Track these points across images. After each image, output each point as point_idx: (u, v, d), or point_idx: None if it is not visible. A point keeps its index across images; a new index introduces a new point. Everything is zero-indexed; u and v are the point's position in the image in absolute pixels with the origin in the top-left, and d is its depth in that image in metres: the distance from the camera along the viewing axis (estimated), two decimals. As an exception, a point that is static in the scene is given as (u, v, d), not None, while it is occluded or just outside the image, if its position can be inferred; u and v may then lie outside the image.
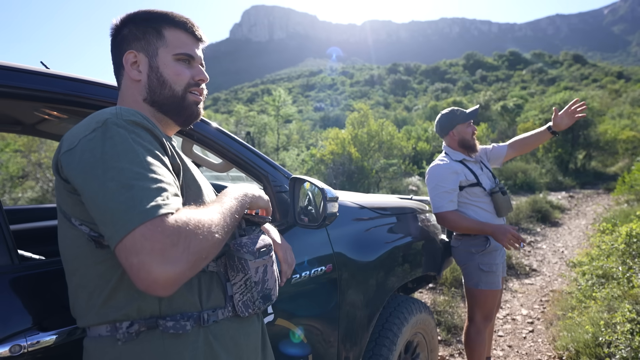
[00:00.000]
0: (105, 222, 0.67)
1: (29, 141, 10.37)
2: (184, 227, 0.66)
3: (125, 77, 0.92)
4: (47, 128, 1.71)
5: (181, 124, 0.96)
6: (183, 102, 0.92)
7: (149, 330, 0.78)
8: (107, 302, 0.78)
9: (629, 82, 66.24)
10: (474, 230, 2.20)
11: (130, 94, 0.92)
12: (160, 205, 0.66)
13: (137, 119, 0.78)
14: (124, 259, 0.64)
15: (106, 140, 0.72)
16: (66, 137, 0.78)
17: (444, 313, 3.51)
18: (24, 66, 0.99)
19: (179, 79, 0.91)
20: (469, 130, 2.35)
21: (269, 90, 58.33)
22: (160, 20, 0.91)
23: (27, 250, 1.65)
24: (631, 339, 2.44)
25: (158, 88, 0.90)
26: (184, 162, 0.87)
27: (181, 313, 0.80)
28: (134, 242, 0.63)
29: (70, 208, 0.79)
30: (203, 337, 0.81)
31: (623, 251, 3.22)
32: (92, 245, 0.78)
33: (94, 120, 0.76)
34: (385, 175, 11.14)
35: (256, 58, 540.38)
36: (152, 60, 0.90)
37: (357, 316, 1.65)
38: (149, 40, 0.90)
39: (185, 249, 0.65)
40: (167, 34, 0.91)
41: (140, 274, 0.62)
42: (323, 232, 1.54)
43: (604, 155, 16.30)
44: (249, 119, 24.40)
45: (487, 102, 28.95)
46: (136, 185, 0.67)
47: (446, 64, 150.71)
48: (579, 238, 6.53)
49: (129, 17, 0.92)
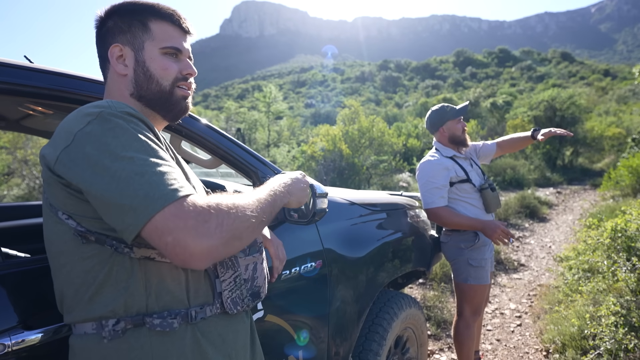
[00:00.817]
0: (122, 210, 0.67)
1: (14, 138, 10.18)
2: (215, 206, 0.69)
3: (111, 72, 0.90)
4: (31, 124, 1.68)
5: (170, 119, 0.94)
6: (171, 97, 0.90)
7: (135, 327, 0.77)
8: (94, 297, 0.77)
9: (615, 79, 67.37)
10: (464, 226, 2.22)
11: (117, 89, 0.90)
12: (178, 189, 0.68)
13: (131, 110, 0.78)
14: (157, 239, 0.66)
15: (107, 131, 0.72)
16: (58, 133, 0.76)
17: (434, 308, 3.54)
18: (6, 60, 0.97)
19: (166, 73, 0.89)
20: (459, 127, 2.37)
21: (260, 86, 58.04)
22: (146, 12, 0.88)
23: (12, 248, 1.62)
24: (615, 331, 2.49)
25: (145, 83, 0.88)
26: (176, 157, 0.87)
27: (168, 310, 0.79)
28: (165, 221, 0.65)
29: (60, 201, 0.77)
30: (191, 334, 0.80)
31: (608, 246, 3.28)
32: (79, 241, 0.77)
33: (84, 113, 0.75)
34: (375, 172, 11.18)
35: (246, 54, 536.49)
36: (138, 54, 0.88)
37: (347, 312, 1.65)
38: (134, 33, 0.88)
39: (218, 226, 0.68)
40: (153, 26, 0.88)
41: (176, 249, 0.65)
42: (313, 228, 1.54)
43: (591, 152, 16.57)
44: (239, 115, 24.26)
45: (476, 99, 29.20)
46: (149, 171, 0.69)
47: (436, 61, 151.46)
48: (566, 233, 6.64)
49: (113, 8, 0.89)
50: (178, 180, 0.70)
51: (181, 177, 0.72)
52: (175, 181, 0.69)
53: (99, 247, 0.77)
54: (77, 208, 0.76)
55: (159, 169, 0.70)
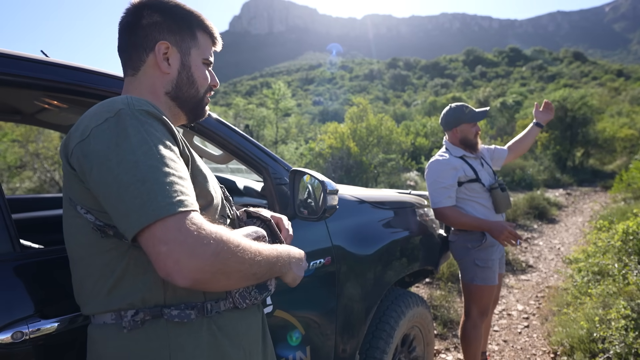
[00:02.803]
0: (120, 213, 0.68)
1: (26, 131, 10.32)
2: (217, 235, 0.68)
3: (149, 65, 0.90)
4: (46, 117, 1.70)
5: (191, 120, 1.00)
6: (201, 104, 0.97)
7: (153, 318, 0.78)
8: (112, 291, 0.78)
9: (629, 80, 66.27)
10: (472, 227, 2.21)
11: (151, 84, 0.90)
12: (180, 202, 0.67)
13: (150, 108, 0.77)
14: (151, 246, 0.66)
15: (119, 131, 0.72)
16: (77, 127, 0.77)
17: (440, 307, 3.53)
18: (23, 54, 0.99)
19: (204, 82, 0.95)
20: (473, 131, 2.33)
21: (268, 83, 58.12)
22: (196, 22, 0.93)
23: (25, 239, 1.65)
24: (625, 335, 2.46)
25: (186, 86, 0.92)
26: (192, 154, 0.87)
27: (185, 303, 0.81)
28: (165, 231, 0.65)
29: (78, 195, 0.78)
30: (207, 326, 0.82)
31: (619, 248, 3.24)
32: (97, 235, 0.78)
33: (105, 110, 0.75)
34: (383, 170, 11.14)
35: (255, 51, 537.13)
36: (185, 58, 0.92)
37: (355, 309, 1.66)
38: (183, 37, 0.91)
39: (215, 254, 0.67)
40: (199, 36, 0.94)
41: (167, 261, 0.64)
42: (322, 225, 1.54)
43: (602, 153, 16.34)
44: (247, 111, 24.33)
45: (486, 99, 28.95)
46: (152, 179, 0.68)
47: (446, 60, 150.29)
48: (576, 235, 6.57)
49: (160, 3, 0.89)
50: (181, 193, 0.69)
51: (187, 190, 0.71)
52: (177, 194, 0.68)
53: (117, 241, 0.78)
54: (93, 202, 0.77)
55: (163, 178, 0.68)
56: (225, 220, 0.95)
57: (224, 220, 0.94)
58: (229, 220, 0.97)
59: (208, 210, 0.87)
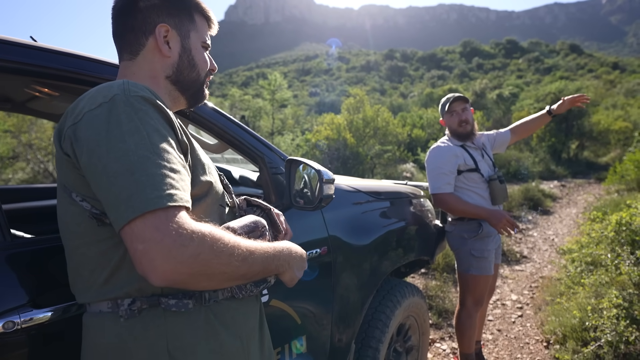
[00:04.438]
0: (109, 204, 0.67)
1: (19, 121, 10.20)
2: (199, 235, 0.66)
3: (149, 49, 0.87)
4: (37, 106, 1.67)
5: (191, 104, 0.99)
6: (202, 87, 0.97)
7: (150, 307, 0.77)
8: (109, 279, 0.77)
9: (624, 73, 66.42)
10: (469, 214, 2.21)
11: (151, 68, 0.88)
12: (165, 196, 0.65)
13: (146, 94, 0.75)
14: (129, 242, 0.65)
15: (112, 118, 0.70)
16: (71, 110, 0.75)
17: (436, 297, 3.56)
18: (10, 38, 0.96)
19: (205, 65, 0.95)
20: (454, 120, 2.34)
21: (264, 74, 57.71)
22: (194, 5, 0.93)
23: (17, 229, 1.63)
24: (617, 323, 2.50)
25: (187, 70, 0.91)
26: (191, 141, 0.85)
27: (182, 292, 0.80)
28: (143, 229, 0.63)
29: (72, 182, 0.77)
30: (204, 315, 0.81)
31: (612, 239, 3.27)
32: (94, 223, 0.76)
33: (100, 94, 0.73)
34: (379, 162, 11.15)
35: (251, 41, 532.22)
36: (185, 41, 0.91)
37: (351, 299, 1.66)
38: (182, 20, 0.90)
39: (193, 256, 0.64)
40: (197, 19, 0.93)
41: (142, 260, 0.63)
42: (318, 214, 1.54)
43: (597, 146, 16.44)
44: (243, 102, 24.19)
45: (482, 91, 28.89)
46: (140, 170, 0.66)
47: (443, 51, 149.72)
48: (570, 226, 6.63)
49: None
50: (171, 186, 0.66)
51: (177, 183, 0.68)
52: (167, 187, 0.66)
53: (113, 229, 0.76)
54: (89, 190, 0.75)
55: (153, 170, 0.66)
56: (225, 209, 0.93)
57: (222, 209, 0.92)
58: (228, 208, 0.95)
59: (207, 199, 0.85)
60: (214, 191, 0.88)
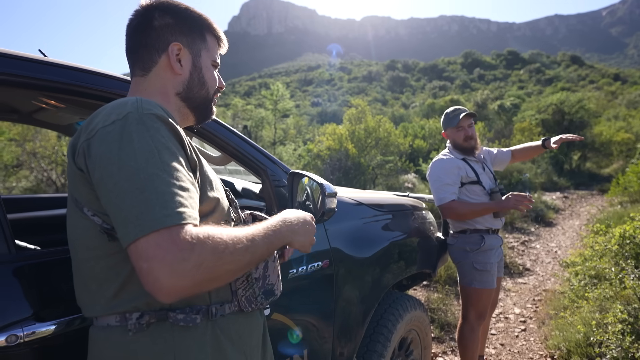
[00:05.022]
0: (117, 221, 0.68)
1: (23, 130, 10.27)
2: (199, 245, 0.66)
3: (161, 67, 0.90)
4: (44, 117, 1.69)
5: (199, 121, 1.01)
6: (210, 104, 0.99)
7: (158, 321, 0.78)
8: (118, 293, 0.77)
9: (625, 84, 66.64)
10: (479, 212, 2.23)
11: (162, 85, 0.90)
12: (174, 214, 0.66)
13: (159, 112, 0.76)
14: (134, 261, 0.65)
15: (124, 135, 0.71)
16: (85, 125, 0.77)
17: (438, 310, 3.53)
18: (22, 54, 0.98)
19: (214, 83, 0.98)
20: (459, 134, 2.35)
21: (267, 84, 58.10)
22: (206, 25, 0.95)
23: (21, 240, 1.64)
24: (622, 339, 2.47)
25: (197, 87, 0.94)
26: (200, 159, 0.86)
27: (190, 306, 0.80)
28: (146, 248, 0.64)
29: (84, 197, 0.78)
30: (211, 330, 0.82)
31: (616, 252, 3.25)
32: (105, 238, 0.77)
33: (115, 112, 0.75)
34: (381, 172, 11.16)
35: (254, 51, 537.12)
36: (196, 59, 0.93)
37: (353, 312, 1.65)
38: (194, 39, 0.93)
39: (196, 267, 0.65)
40: (208, 39, 0.96)
41: (147, 279, 0.64)
42: (320, 227, 1.54)
43: (599, 157, 16.41)
44: (246, 112, 24.33)
45: (484, 101, 29.02)
46: (150, 189, 0.67)
47: (444, 62, 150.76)
48: (573, 238, 6.59)
49: (171, 6, 0.90)
50: (180, 204, 0.68)
51: (186, 201, 0.69)
52: (176, 205, 0.67)
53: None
54: (100, 205, 0.75)
55: (163, 188, 0.67)
56: (230, 224, 0.94)
57: (228, 224, 0.93)
58: (234, 223, 0.96)
59: (214, 215, 0.86)
60: (221, 207, 0.89)
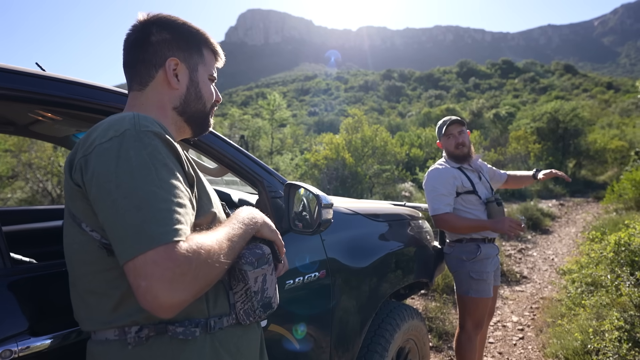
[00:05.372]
0: (115, 238, 0.68)
1: (19, 141, 10.24)
2: (195, 257, 0.68)
3: (158, 81, 0.91)
4: (40, 129, 1.70)
5: (196, 134, 1.02)
6: (207, 118, 1.00)
7: (157, 335, 0.78)
8: (117, 308, 0.77)
9: (618, 92, 67.47)
10: (472, 229, 2.22)
11: (159, 99, 0.91)
12: (171, 231, 0.67)
13: (156, 129, 0.77)
14: (132, 279, 0.66)
15: (121, 152, 0.72)
16: (82, 141, 0.78)
17: (436, 319, 3.52)
18: (19, 68, 0.99)
19: (211, 97, 0.99)
20: (450, 142, 2.37)
21: (264, 93, 58.36)
22: (203, 40, 0.97)
23: (16, 252, 1.63)
24: (619, 346, 2.47)
25: (194, 101, 0.95)
26: (197, 173, 0.87)
27: (189, 319, 0.81)
28: (144, 266, 0.64)
29: (82, 213, 0.78)
30: (210, 343, 0.82)
31: (612, 259, 3.26)
32: (103, 252, 0.77)
33: (112, 128, 0.75)
34: (378, 181, 11.18)
35: (251, 61, 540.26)
36: (193, 74, 0.94)
37: (350, 322, 1.65)
38: (191, 54, 0.94)
39: (194, 279, 0.67)
40: (205, 53, 0.97)
41: (146, 296, 0.64)
42: (317, 238, 1.54)
43: (594, 164, 16.54)
44: (243, 122, 24.37)
45: (479, 110, 29.26)
46: (148, 206, 0.68)
47: (440, 71, 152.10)
48: (569, 246, 6.61)
49: (168, 21, 0.91)
50: (178, 221, 0.69)
51: (183, 217, 0.70)
52: (173, 222, 0.68)
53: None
54: (98, 221, 0.76)
55: (160, 205, 0.68)
56: None
57: None
58: None
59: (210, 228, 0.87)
60: (218, 221, 0.90)
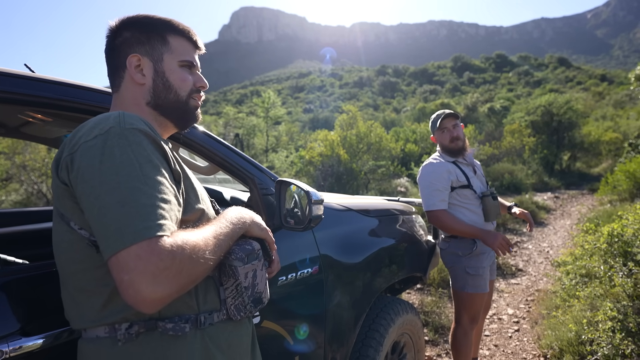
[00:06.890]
0: (100, 234, 0.69)
1: (13, 143, 10.17)
2: (179, 252, 0.68)
3: (126, 80, 0.92)
4: (31, 131, 1.69)
5: (180, 127, 0.99)
6: (186, 107, 0.95)
7: (148, 331, 0.79)
8: (107, 305, 0.78)
9: (612, 84, 67.80)
10: (465, 233, 2.20)
11: (132, 97, 0.92)
12: (155, 226, 0.67)
13: (141, 126, 0.78)
14: (115, 273, 0.66)
15: (105, 149, 0.72)
16: (69, 140, 0.78)
17: (432, 313, 3.54)
18: (7, 70, 0.98)
19: (184, 84, 0.94)
20: (445, 136, 2.35)
21: (258, 91, 58.21)
22: (165, 27, 0.93)
23: (9, 254, 1.63)
24: (612, 336, 2.50)
25: (163, 92, 0.92)
26: (184, 169, 0.87)
27: (179, 315, 0.81)
28: (127, 260, 0.65)
29: (69, 211, 0.79)
30: (200, 339, 0.83)
31: (605, 251, 3.29)
32: (92, 250, 0.78)
33: (98, 127, 0.76)
34: (373, 177, 11.20)
35: (245, 59, 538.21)
36: (158, 65, 0.92)
37: (344, 317, 1.66)
38: (153, 45, 0.92)
39: (177, 274, 0.67)
40: (171, 40, 0.93)
41: (129, 291, 0.65)
42: (309, 234, 1.55)
43: (588, 157, 16.66)
44: (238, 120, 24.30)
45: (474, 104, 29.32)
46: (131, 202, 0.68)
47: (434, 66, 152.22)
48: (564, 238, 6.66)
49: (129, 20, 0.92)
50: (161, 216, 0.69)
51: (167, 213, 0.70)
52: (157, 217, 0.68)
53: None
54: (85, 219, 0.76)
55: (143, 201, 0.69)
56: None
57: None
58: None
59: (199, 225, 0.87)
60: (206, 217, 0.90)
